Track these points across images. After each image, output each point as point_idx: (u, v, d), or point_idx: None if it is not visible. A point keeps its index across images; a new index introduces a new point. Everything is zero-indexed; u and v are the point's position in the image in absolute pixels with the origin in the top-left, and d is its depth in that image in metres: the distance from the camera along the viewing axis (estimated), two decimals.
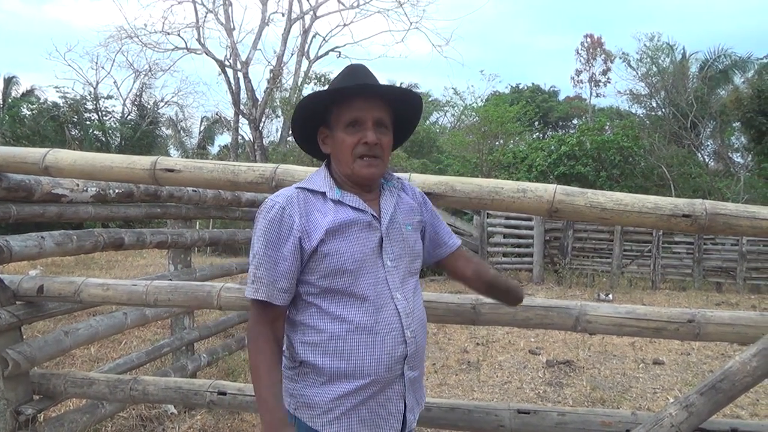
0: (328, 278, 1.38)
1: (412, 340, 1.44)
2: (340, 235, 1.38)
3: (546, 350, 5.76)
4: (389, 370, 1.41)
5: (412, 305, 1.46)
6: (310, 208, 1.40)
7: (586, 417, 2.02)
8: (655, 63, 20.56)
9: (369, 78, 1.43)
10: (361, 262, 1.39)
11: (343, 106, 1.40)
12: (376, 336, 1.39)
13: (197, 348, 4.34)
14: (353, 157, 1.40)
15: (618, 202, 1.83)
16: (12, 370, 2.29)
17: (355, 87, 1.39)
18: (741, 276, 11.09)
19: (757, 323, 1.90)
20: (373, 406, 1.41)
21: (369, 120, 1.39)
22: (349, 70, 1.45)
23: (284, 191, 1.43)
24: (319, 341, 1.40)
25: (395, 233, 1.47)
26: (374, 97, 1.41)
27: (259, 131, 17.97)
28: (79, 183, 2.69)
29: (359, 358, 1.38)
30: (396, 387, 1.44)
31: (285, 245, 1.37)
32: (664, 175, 15.33)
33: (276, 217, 1.38)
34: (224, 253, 14.14)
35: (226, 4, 18.26)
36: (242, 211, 4.82)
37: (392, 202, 1.50)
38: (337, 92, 1.41)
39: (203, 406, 2.44)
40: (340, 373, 1.38)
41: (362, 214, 1.42)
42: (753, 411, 4.07)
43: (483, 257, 11.79)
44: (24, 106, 19.53)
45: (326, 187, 1.43)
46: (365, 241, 1.41)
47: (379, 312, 1.40)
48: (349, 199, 1.42)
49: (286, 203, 1.39)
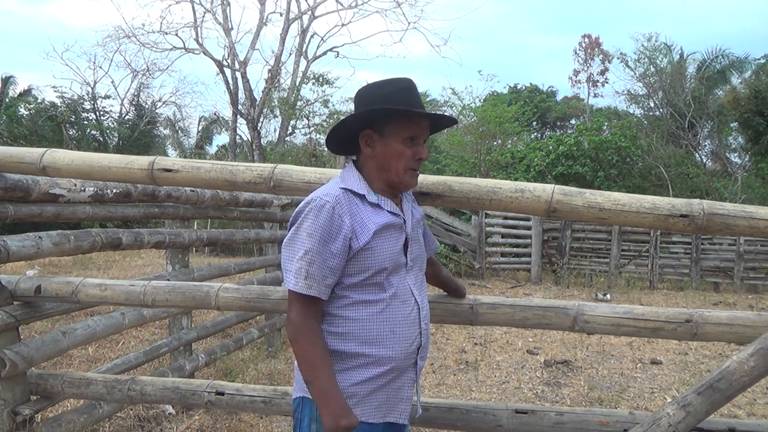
0: (368, 274, 1.50)
1: (425, 331, 1.62)
2: (382, 237, 1.51)
3: (544, 350, 5.76)
4: (407, 358, 1.56)
5: (424, 300, 1.64)
6: (355, 210, 1.50)
7: (584, 417, 2.02)
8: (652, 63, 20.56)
9: (420, 98, 1.59)
10: (395, 260, 1.54)
11: (408, 122, 1.53)
12: (400, 326, 1.53)
13: (195, 348, 4.34)
14: (405, 167, 1.54)
15: (616, 202, 1.83)
16: (9, 370, 2.28)
17: (429, 114, 1.56)
18: (738, 276, 11.12)
19: (755, 323, 1.90)
20: (389, 392, 1.54)
21: (423, 138, 1.58)
22: (407, 86, 1.56)
23: (329, 190, 1.51)
24: (347, 330, 1.50)
25: (415, 235, 1.64)
26: (428, 120, 1.58)
27: (257, 131, 17.96)
28: (76, 183, 2.69)
29: (384, 346, 1.51)
30: (409, 374, 1.59)
31: (335, 243, 1.46)
32: (661, 175, 15.36)
33: (327, 216, 1.45)
34: (222, 254, 14.14)
35: (224, 4, 18.24)
36: (240, 211, 4.81)
37: (410, 209, 1.66)
38: (417, 113, 1.53)
39: (201, 407, 2.43)
40: (365, 359, 1.50)
41: (397, 218, 1.57)
42: (750, 410, 4.09)
43: (481, 257, 11.80)
44: (21, 105, 19.51)
45: (364, 190, 1.54)
46: (397, 241, 1.55)
47: (403, 305, 1.55)
48: (385, 204, 1.56)
49: (335, 203, 1.47)
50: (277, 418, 3.47)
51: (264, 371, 4.53)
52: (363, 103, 1.56)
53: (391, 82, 1.57)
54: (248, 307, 2.18)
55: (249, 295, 2.15)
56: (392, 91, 1.53)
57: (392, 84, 1.57)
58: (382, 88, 1.56)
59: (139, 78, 22.15)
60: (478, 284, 10.69)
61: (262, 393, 2.24)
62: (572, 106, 30.17)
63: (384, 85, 1.57)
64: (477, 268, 11.71)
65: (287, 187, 1.99)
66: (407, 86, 1.57)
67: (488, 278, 11.61)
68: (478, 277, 11.50)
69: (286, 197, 5.14)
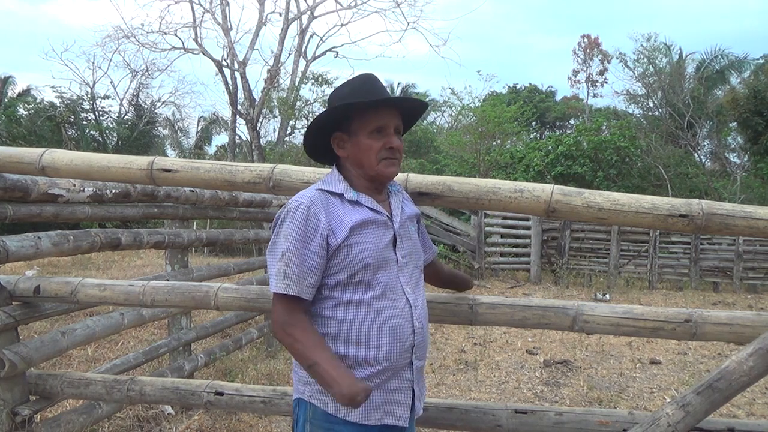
0: (350, 272, 1.48)
1: (420, 330, 1.57)
2: (362, 233, 1.50)
3: (543, 350, 5.76)
4: (400, 357, 1.52)
5: (419, 298, 1.60)
6: (331, 208, 1.50)
7: (584, 417, 2.02)
8: (652, 63, 20.58)
9: (383, 88, 1.57)
10: (379, 257, 1.51)
11: (369, 116, 1.52)
12: (389, 325, 1.50)
13: (194, 348, 4.33)
14: (378, 159, 1.53)
15: (615, 202, 1.83)
16: (8, 370, 2.28)
17: (385, 100, 1.52)
18: (738, 276, 11.13)
19: (754, 323, 1.90)
20: (385, 392, 1.52)
21: (391, 127, 1.54)
22: (365, 80, 1.56)
23: (305, 192, 1.53)
24: (336, 331, 1.50)
25: (405, 232, 1.61)
26: (394, 107, 1.56)
27: (256, 131, 17.96)
28: (75, 183, 2.68)
29: (374, 346, 1.49)
30: (405, 374, 1.55)
31: (312, 242, 1.46)
32: (660, 175, 15.37)
33: (302, 216, 1.46)
34: (221, 254, 14.14)
35: (223, 4, 18.23)
36: (239, 211, 4.81)
37: (399, 206, 1.64)
38: (371, 104, 1.51)
39: (200, 407, 2.43)
40: (355, 359, 1.48)
41: (378, 214, 1.55)
42: (749, 410, 4.09)
43: (480, 257, 11.81)
44: (20, 105, 19.50)
45: (343, 189, 1.54)
46: (381, 238, 1.53)
47: (393, 303, 1.52)
48: (365, 200, 1.55)
49: (310, 203, 1.48)
50: (277, 419, 3.47)
51: (263, 371, 4.53)
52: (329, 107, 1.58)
53: (350, 81, 1.59)
54: (247, 307, 2.18)
55: (248, 295, 2.15)
56: (351, 89, 1.55)
57: (351, 82, 1.58)
58: (343, 89, 1.57)
59: (138, 78, 22.18)
60: (477, 284, 10.69)
61: (261, 393, 2.24)
62: (571, 106, 30.19)
63: (344, 86, 1.58)
64: (476, 268, 11.72)
65: (286, 187, 1.99)
66: (365, 80, 1.56)
67: (487, 278, 11.61)
68: (478, 277, 11.50)
69: (286, 197, 5.14)
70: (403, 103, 1.59)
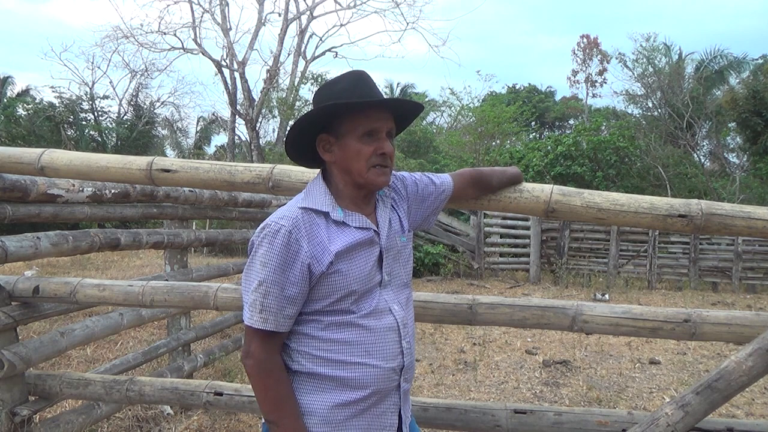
0: (334, 298, 1.38)
1: (408, 351, 1.46)
2: (347, 258, 1.37)
3: (543, 350, 5.77)
4: (387, 380, 1.42)
5: (407, 316, 1.49)
6: (315, 231, 1.36)
7: (583, 417, 2.02)
8: (651, 63, 20.58)
9: (375, 88, 1.43)
10: (365, 281, 1.40)
11: (359, 117, 1.38)
12: (376, 346, 1.40)
13: (194, 348, 4.33)
14: (368, 166, 1.39)
15: (614, 203, 1.83)
16: (7, 371, 2.28)
17: (379, 102, 1.39)
18: (737, 276, 11.13)
19: (753, 323, 1.90)
20: (370, 418, 1.41)
21: (383, 131, 1.41)
22: (356, 78, 1.42)
23: (287, 212, 1.37)
24: (319, 352, 1.39)
25: (392, 246, 1.48)
26: (387, 109, 1.42)
27: (255, 131, 17.95)
28: (75, 183, 2.68)
29: (360, 369, 1.38)
30: (392, 399, 1.45)
31: (292, 270, 1.33)
32: (660, 176, 15.37)
33: (283, 242, 1.32)
34: (221, 254, 14.13)
35: (222, 4, 18.22)
36: (239, 211, 4.81)
37: (387, 215, 1.50)
38: (363, 104, 1.38)
39: (200, 407, 2.43)
40: (340, 382, 1.38)
41: (366, 232, 1.42)
42: (749, 410, 4.09)
43: (480, 257, 11.81)
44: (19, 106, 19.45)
45: (328, 207, 1.40)
46: (368, 259, 1.41)
47: (379, 323, 1.41)
48: (352, 219, 1.41)
49: (292, 227, 1.34)
50: None
51: None
52: (315, 106, 1.43)
53: (340, 78, 1.43)
54: None
55: None
56: (342, 88, 1.40)
57: (341, 80, 1.42)
58: (331, 87, 1.42)
59: (138, 78, 22.15)
60: (476, 284, 10.70)
61: None
62: (571, 106, 30.21)
63: (334, 83, 1.43)
64: (476, 268, 11.72)
65: (286, 188, 1.99)
66: (357, 78, 1.42)
67: (487, 278, 11.61)
68: (477, 277, 11.51)
69: (285, 198, 5.14)
70: (397, 105, 1.45)
